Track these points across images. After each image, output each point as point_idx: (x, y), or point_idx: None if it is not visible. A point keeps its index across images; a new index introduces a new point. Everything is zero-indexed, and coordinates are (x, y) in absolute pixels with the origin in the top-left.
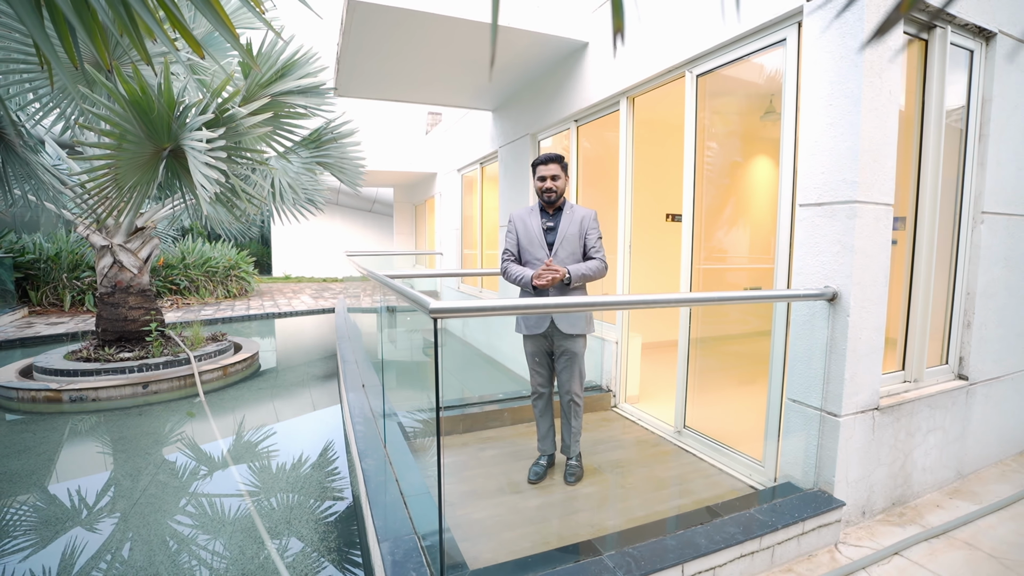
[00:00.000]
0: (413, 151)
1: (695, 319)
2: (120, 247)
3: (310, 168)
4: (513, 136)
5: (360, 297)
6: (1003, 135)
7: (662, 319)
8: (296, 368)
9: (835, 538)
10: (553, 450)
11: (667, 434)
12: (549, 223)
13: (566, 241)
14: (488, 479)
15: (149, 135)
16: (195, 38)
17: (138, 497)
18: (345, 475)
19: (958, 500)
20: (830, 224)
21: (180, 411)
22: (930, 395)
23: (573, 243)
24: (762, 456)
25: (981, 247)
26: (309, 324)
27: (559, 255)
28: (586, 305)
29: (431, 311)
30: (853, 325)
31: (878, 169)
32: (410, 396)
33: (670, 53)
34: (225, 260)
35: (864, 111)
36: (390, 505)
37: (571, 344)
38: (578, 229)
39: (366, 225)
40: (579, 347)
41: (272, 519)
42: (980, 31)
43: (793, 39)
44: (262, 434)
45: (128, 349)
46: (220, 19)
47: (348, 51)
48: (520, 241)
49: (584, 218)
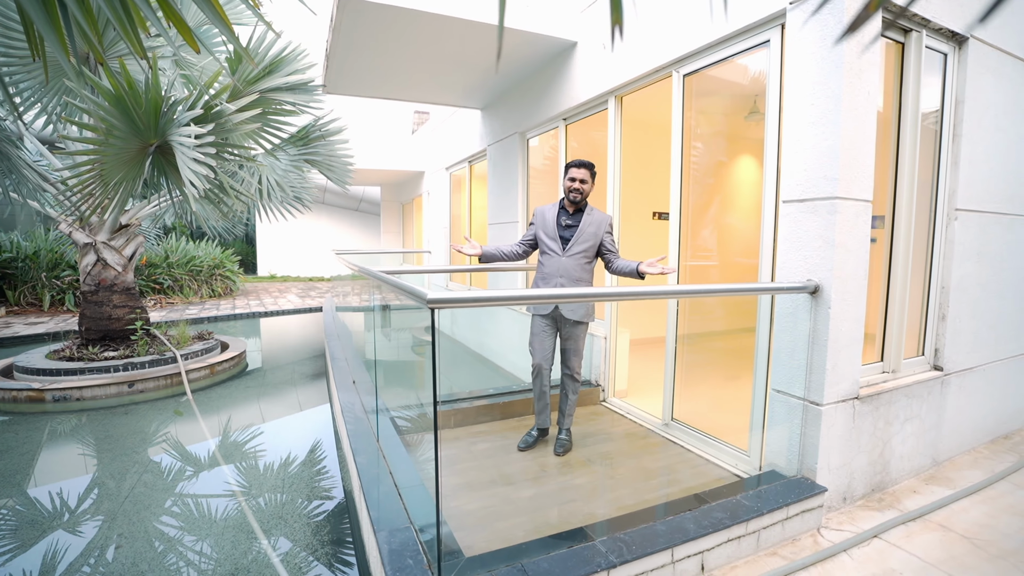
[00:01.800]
0: (401, 149)
1: (682, 315)
2: (104, 245)
3: (298, 166)
4: (502, 134)
5: (349, 296)
6: (975, 135)
7: (650, 315)
8: (284, 367)
9: (818, 523)
10: (547, 425)
11: (655, 427)
12: (569, 221)
13: (582, 239)
14: (480, 472)
15: (136, 131)
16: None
17: (124, 498)
18: (334, 473)
19: (934, 486)
20: (812, 220)
21: (167, 410)
22: (907, 385)
23: (587, 243)
24: (748, 446)
25: (955, 243)
26: (296, 323)
27: (572, 249)
28: (578, 296)
29: (428, 301)
30: (834, 317)
31: (857, 167)
32: (401, 393)
33: (658, 53)
34: (209, 259)
35: (844, 110)
36: (384, 498)
37: (574, 329)
38: (595, 230)
39: (353, 224)
40: (581, 331)
41: (261, 518)
42: (953, 35)
43: (777, 40)
44: (251, 433)
45: (112, 348)
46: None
47: (338, 48)
48: (538, 232)
49: (601, 222)
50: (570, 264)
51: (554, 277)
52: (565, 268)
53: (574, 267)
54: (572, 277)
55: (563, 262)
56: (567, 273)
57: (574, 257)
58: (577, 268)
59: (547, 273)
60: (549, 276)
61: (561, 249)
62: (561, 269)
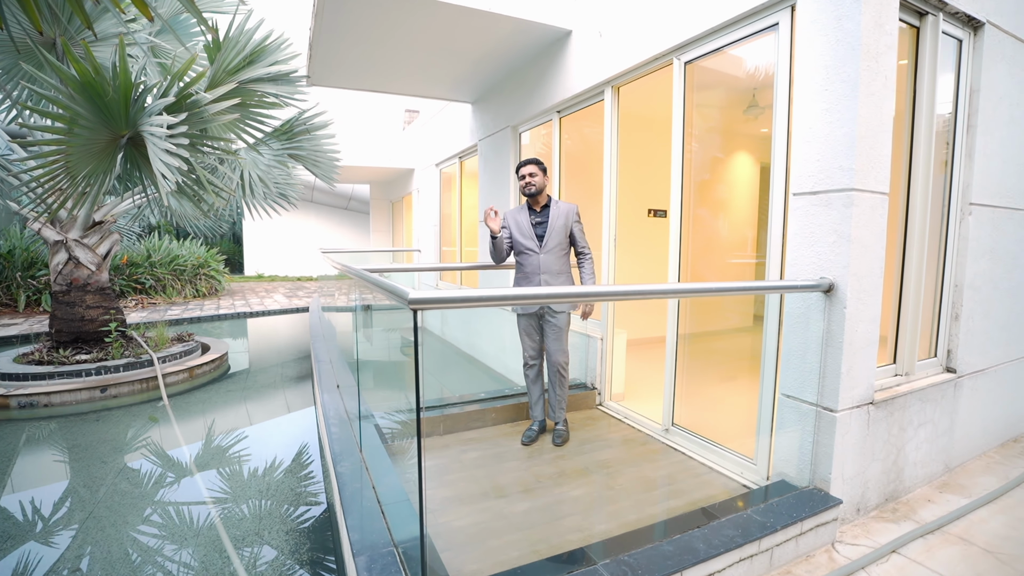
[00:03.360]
0: (390, 147)
1: (682, 315)
2: (76, 242)
3: (282, 161)
4: (493, 129)
5: (335, 296)
6: (990, 127)
7: (647, 315)
8: (268, 369)
9: (832, 537)
10: (543, 416)
11: (655, 432)
12: (538, 219)
13: (554, 233)
14: (471, 483)
15: (104, 120)
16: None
17: (95, 508)
18: (319, 479)
19: (948, 494)
20: (826, 213)
21: (142, 416)
22: (921, 388)
23: (560, 235)
24: (753, 453)
25: (969, 239)
26: (282, 324)
27: (548, 244)
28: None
29: (410, 301)
30: (850, 317)
31: (874, 156)
32: (388, 396)
33: (657, 40)
34: (194, 258)
35: (861, 96)
36: (366, 513)
37: (556, 320)
38: (564, 222)
39: (342, 223)
40: (563, 322)
41: (242, 528)
42: (969, 20)
43: (786, 23)
44: (232, 438)
45: (85, 351)
46: None
47: (322, 35)
48: (514, 235)
49: (568, 212)
50: (549, 259)
51: (536, 274)
52: (545, 264)
53: (554, 261)
54: (553, 271)
55: (542, 258)
56: (548, 268)
57: (552, 252)
58: (556, 262)
59: (528, 272)
60: (531, 274)
61: (538, 246)
62: (542, 265)
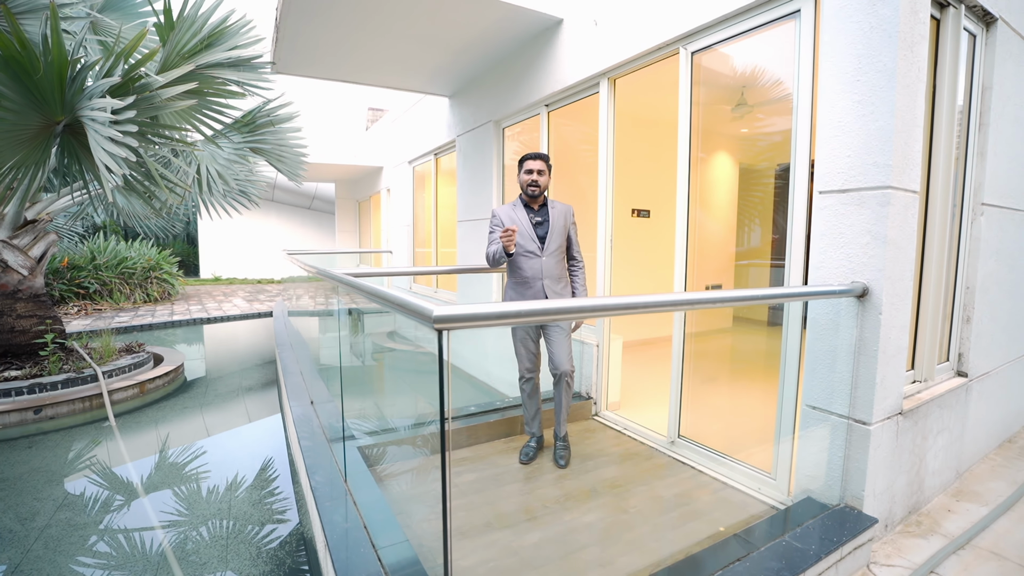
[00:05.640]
0: (357, 144)
1: (689, 320)
2: (4, 244)
3: (243, 155)
4: (473, 124)
5: (302, 299)
6: (999, 125)
7: (640, 316)
8: (227, 378)
9: (867, 559)
10: (541, 432)
11: (659, 444)
12: (537, 218)
13: (555, 235)
14: (471, 511)
15: (33, 103)
16: None
17: (31, 545)
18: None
19: (964, 502)
20: (858, 212)
21: (83, 439)
22: (940, 395)
23: (560, 237)
24: (771, 467)
25: (981, 240)
26: (243, 329)
27: (550, 247)
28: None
29: (435, 320)
30: (884, 324)
31: (908, 152)
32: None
33: (662, 28)
34: (144, 260)
35: (898, 87)
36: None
37: (562, 323)
38: (563, 222)
39: (304, 223)
40: (568, 326)
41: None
42: (985, 14)
43: (809, 10)
44: (185, 460)
45: (16, 366)
46: None
47: (288, 17)
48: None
49: (566, 213)
50: (550, 263)
51: (537, 279)
52: (547, 268)
53: (554, 265)
54: (554, 276)
55: (544, 262)
56: (549, 273)
57: (553, 255)
58: (557, 266)
59: (528, 276)
60: (531, 279)
61: (540, 248)
62: (544, 270)
